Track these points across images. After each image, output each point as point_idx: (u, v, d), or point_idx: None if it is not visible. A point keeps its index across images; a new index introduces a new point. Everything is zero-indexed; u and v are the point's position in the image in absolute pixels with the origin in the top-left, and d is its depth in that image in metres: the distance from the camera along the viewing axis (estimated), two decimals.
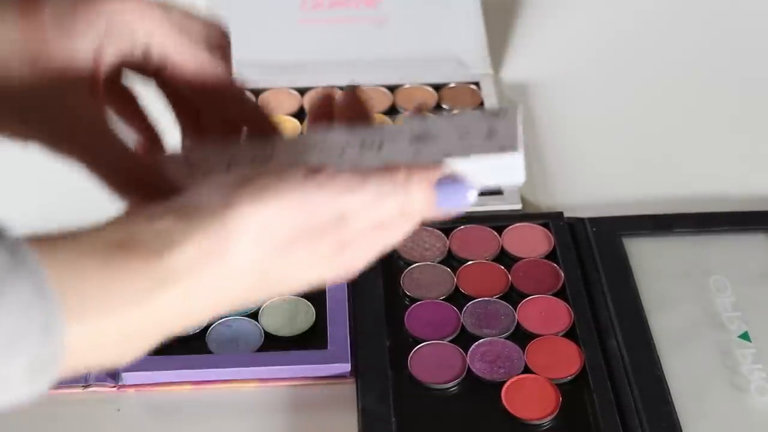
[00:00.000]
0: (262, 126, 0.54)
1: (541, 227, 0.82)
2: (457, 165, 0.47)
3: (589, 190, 0.89)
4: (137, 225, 0.43)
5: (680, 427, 0.68)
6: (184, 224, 0.43)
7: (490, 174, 0.48)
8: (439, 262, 0.80)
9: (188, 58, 0.51)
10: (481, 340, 0.74)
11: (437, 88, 0.99)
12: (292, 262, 0.45)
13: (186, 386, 0.71)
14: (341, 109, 0.53)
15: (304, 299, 0.75)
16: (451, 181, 0.47)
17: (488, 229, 0.82)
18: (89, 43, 0.49)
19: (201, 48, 0.51)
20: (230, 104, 0.53)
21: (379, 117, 0.94)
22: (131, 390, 0.71)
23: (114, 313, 0.41)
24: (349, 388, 0.71)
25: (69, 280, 0.40)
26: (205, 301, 0.43)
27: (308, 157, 0.50)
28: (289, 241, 0.44)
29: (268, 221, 0.43)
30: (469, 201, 0.47)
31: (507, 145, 0.48)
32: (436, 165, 0.47)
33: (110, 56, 0.50)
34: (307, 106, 0.94)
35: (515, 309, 0.76)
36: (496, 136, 0.49)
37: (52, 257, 0.40)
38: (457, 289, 0.78)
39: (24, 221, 0.44)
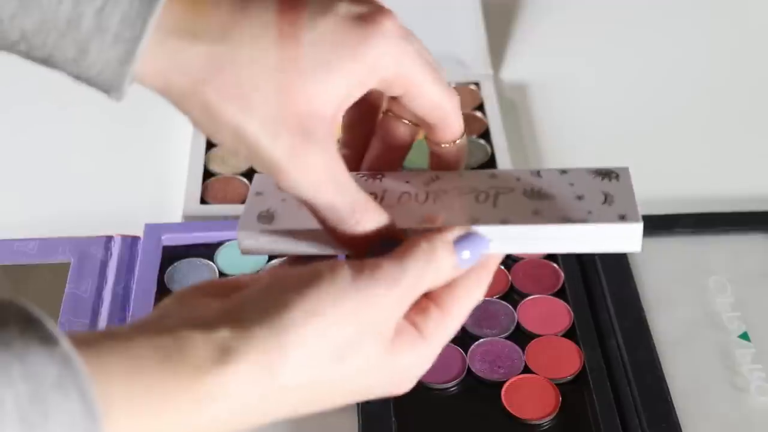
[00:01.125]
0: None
1: None
2: (576, 231, 0.47)
3: None
4: (190, 332, 0.41)
5: (680, 426, 0.68)
6: (239, 337, 0.41)
7: (606, 241, 0.47)
8: None
9: (434, 89, 0.49)
10: (481, 340, 0.74)
11: None
12: (346, 372, 0.44)
13: None
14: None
15: None
16: (470, 238, 0.47)
17: None
18: (343, 88, 0.45)
19: (442, 80, 0.50)
20: (443, 129, 0.52)
21: None
22: None
23: (160, 428, 0.39)
24: None
25: (117, 393, 0.38)
26: (253, 415, 0.42)
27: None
28: (343, 349, 0.43)
29: (323, 332, 0.42)
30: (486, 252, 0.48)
31: (628, 215, 0.47)
32: (454, 227, 0.47)
33: (355, 97, 0.47)
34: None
35: (515, 309, 0.76)
36: (614, 202, 0.48)
37: (100, 368, 0.38)
38: None
39: (23, 221, 0.44)
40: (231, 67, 0.43)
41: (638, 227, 0.47)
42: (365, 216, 0.47)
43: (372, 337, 0.44)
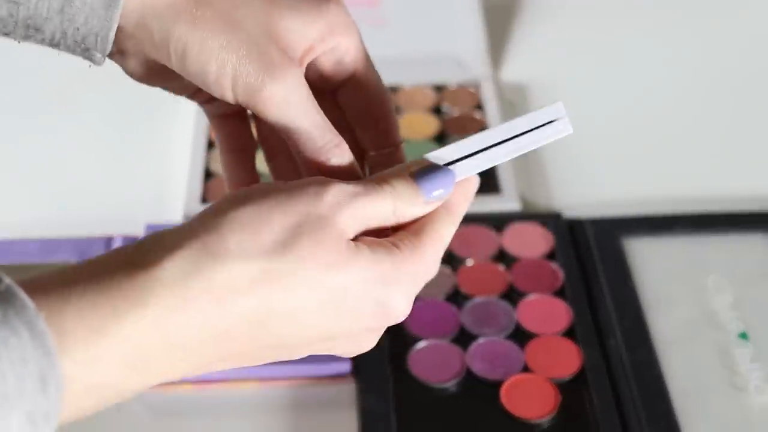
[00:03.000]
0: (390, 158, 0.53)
1: (540, 227, 0.83)
2: (513, 126, 0.48)
3: (588, 190, 0.89)
4: (150, 246, 0.41)
5: (679, 426, 0.68)
6: (176, 231, 0.41)
7: (541, 132, 0.49)
8: None
9: (372, 77, 0.51)
10: (481, 339, 0.74)
11: (437, 88, 0.99)
12: (298, 258, 0.41)
13: (186, 386, 0.71)
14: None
15: None
16: (429, 171, 0.46)
17: (488, 229, 0.82)
18: (313, 33, 0.48)
19: (376, 72, 0.51)
20: (384, 130, 0.52)
21: None
22: None
23: (107, 335, 0.38)
24: (349, 388, 0.72)
25: (65, 315, 0.38)
26: (197, 328, 0.40)
27: None
28: (285, 242, 0.41)
29: (256, 218, 0.41)
30: (452, 184, 0.46)
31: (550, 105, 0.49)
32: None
33: (317, 52, 0.49)
34: None
35: (515, 308, 0.76)
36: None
37: (48, 301, 0.38)
38: (456, 288, 0.78)
39: (24, 221, 0.44)
40: None
41: (560, 105, 0.49)
42: (334, 147, 0.47)
43: (318, 231, 0.42)
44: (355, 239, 0.43)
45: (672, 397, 0.70)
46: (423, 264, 0.45)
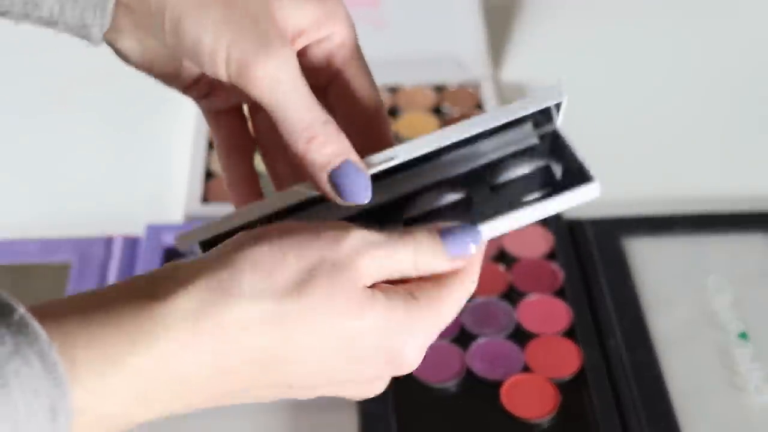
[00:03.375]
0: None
1: (540, 227, 0.83)
2: (547, 207, 0.49)
3: None
4: (162, 280, 0.40)
5: (679, 426, 0.68)
6: (190, 267, 0.41)
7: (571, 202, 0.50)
8: None
9: (364, 76, 0.50)
10: (481, 339, 0.74)
11: (437, 88, 0.99)
12: (309, 305, 0.41)
13: None
14: None
15: None
16: (456, 228, 0.45)
17: None
18: (308, 18, 0.48)
19: (369, 73, 0.50)
20: (376, 132, 0.50)
21: None
22: None
23: (118, 366, 0.38)
24: None
25: (78, 344, 0.38)
26: (211, 354, 0.40)
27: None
28: (300, 285, 0.41)
29: (274, 257, 0.41)
30: (476, 247, 0.45)
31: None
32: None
33: (310, 38, 0.48)
34: None
35: (515, 309, 0.76)
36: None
37: (60, 330, 0.38)
38: None
39: (24, 221, 0.44)
40: None
41: (559, 89, 0.50)
42: (321, 124, 0.45)
43: (335, 277, 0.41)
44: (371, 285, 0.43)
45: (672, 397, 0.70)
46: (439, 317, 0.44)
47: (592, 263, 0.79)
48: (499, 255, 0.81)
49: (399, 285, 0.44)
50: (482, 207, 0.50)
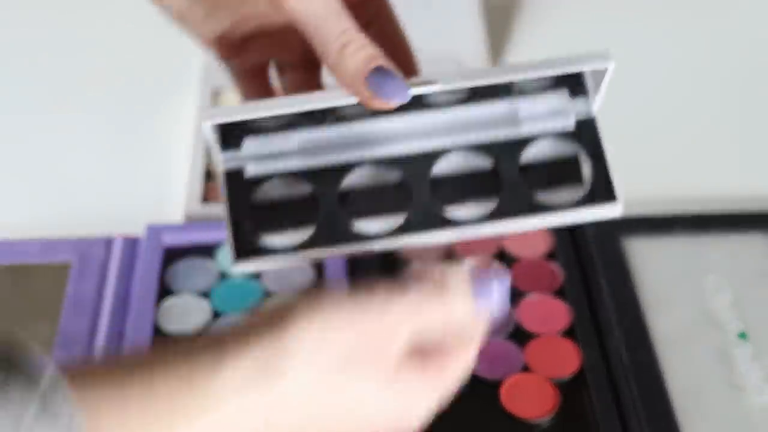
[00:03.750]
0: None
1: None
2: (562, 218, 0.49)
3: None
4: (197, 354, 0.41)
5: (679, 425, 0.68)
6: (236, 341, 0.41)
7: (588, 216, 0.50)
8: None
9: (397, 24, 0.52)
10: None
11: None
12: (350, 382, 0.42)
13: None
14: None
15: None
16: (483, 275, 0.46)
17: None
18: None
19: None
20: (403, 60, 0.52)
21: None
22: None
23: None
24: None
25: (108, 418, 0.38)
26: (255, 422, 0.41)
27: None
28: (343, 363, 0.42)
29: (322, 338, 0.41)
30: (500, 294, 0.46)
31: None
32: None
33: None
34: None
35: (515, 308, 0.76)
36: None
37: (85, 395, 0.37)
38: None
39: (24, 221, 0.44)
40: None
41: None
42: (359, 37, 0.45)
43: (375, 351, 0.42)
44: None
45: (672, 396, 0.70)
46: (450, 384, 0.47)
47: (592, 263, 0.79)
48: (499, 255, 0.81)
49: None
50: (507, 191, 0.49)
